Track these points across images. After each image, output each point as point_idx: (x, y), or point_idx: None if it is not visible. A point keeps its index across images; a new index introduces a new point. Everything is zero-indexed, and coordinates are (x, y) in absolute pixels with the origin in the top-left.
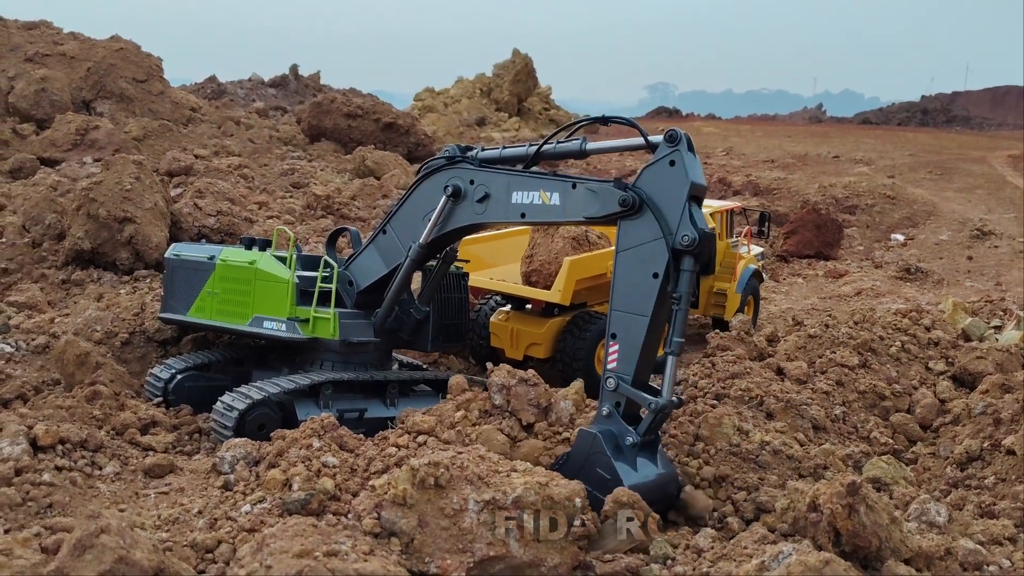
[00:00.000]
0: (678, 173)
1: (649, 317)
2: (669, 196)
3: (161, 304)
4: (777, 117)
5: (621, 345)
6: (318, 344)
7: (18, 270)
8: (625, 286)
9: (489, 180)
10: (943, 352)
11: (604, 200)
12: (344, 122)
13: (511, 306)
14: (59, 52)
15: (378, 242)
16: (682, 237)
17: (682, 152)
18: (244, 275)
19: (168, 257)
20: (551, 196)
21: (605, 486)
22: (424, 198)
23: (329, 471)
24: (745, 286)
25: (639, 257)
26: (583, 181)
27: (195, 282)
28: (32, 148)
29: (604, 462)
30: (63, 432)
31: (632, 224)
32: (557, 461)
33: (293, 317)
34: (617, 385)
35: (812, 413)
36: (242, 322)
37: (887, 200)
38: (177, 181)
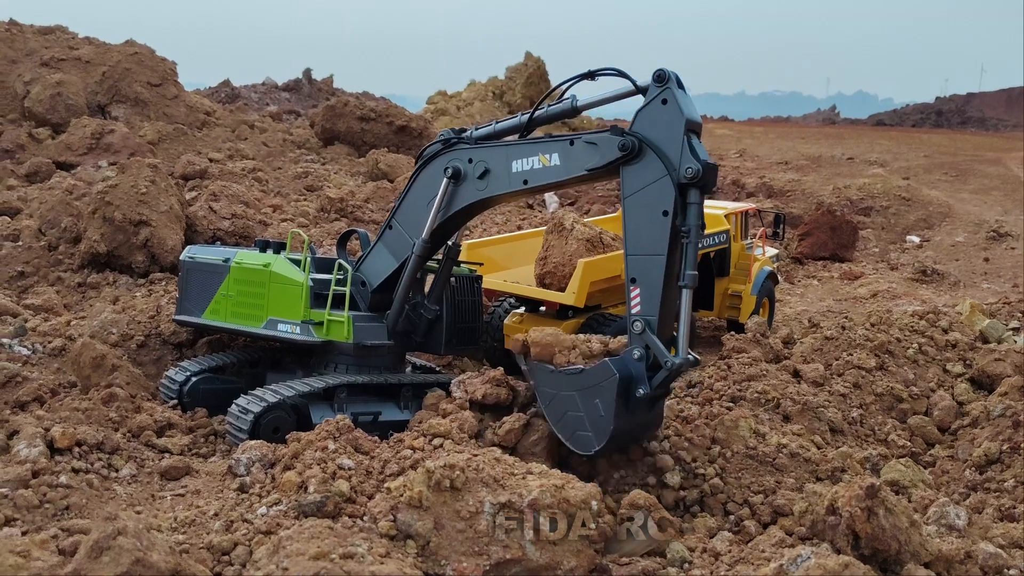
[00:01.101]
0: (672, 110)
1: (665, 255)
2: (667, 134)
3: (176, 306)
4: (790, 119)
5: (642, 288)
6: (332, 347)
7: (34, 273)
8: (637, 229)
9: (487, 155)
10: (961, 354)
11: (604, 149)
12: (357, 125)
13: (525, 308)
14: (74, 57)
15: (385, 238)
16: (686, 170)
17: (673, 90)
18: (259, 277)
19: (183, 260)
20: (550, 158)
21: (596, 417)
22: (425, 186)
23: (344, 473)
24: (760, 288)
25: (647, 198)
26: (579, 136)
27: (210, 284)
28: (48, 152)
29: (607, 399)
30: (80, 434)
31: (634, 168)
32: (569, 369)
33: (307, 320)
34: (644, 328)
35: (829, 416)
36: (257, 324)
37: (902, 202)
38: (192, 184)
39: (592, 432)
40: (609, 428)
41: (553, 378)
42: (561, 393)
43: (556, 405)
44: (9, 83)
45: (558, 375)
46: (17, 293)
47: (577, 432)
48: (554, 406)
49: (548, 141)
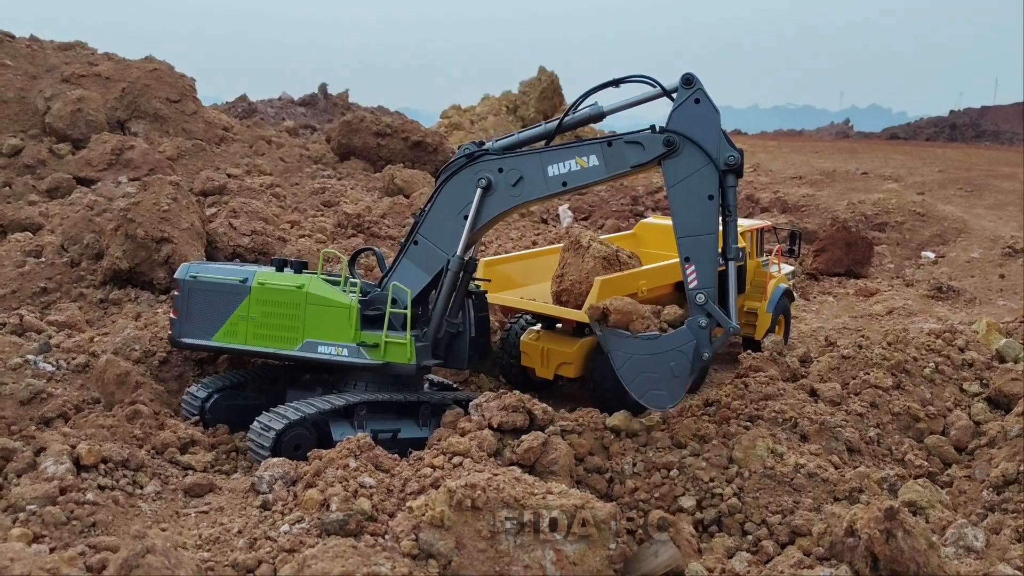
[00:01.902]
0: (706, 108)
1: (715, 233)
2: (704, 129)
3: (174, 327)
4: (804, 132)
5: (696, 264)
6: (378, 367)
7: (57, 289)
8: (685, 214)
9: (518, 163)
10: (977, 373)
11: (649, 146)
12: (373, 140)
13: (542, 325)
14: (94, 73)
15: (411, 254)
16: (728, 158)
17: (703, 90)
18: (292, 299)
19: (183, 279)
20: (588, 159)
21: (671, 378)
22: (452, 199)
23: (366, 492)
24: (776, 305)
25: (690, 186)
26: (617, 137)
27: (223, 305)
28: (68, 167)
29: (682, 363)
30: (105, 451)
31: (676, 161)
32: (647, 335)
33: (360, 342)
34: (707, 299)
35: (846, 435)
36: (290, 347)
37: (917, 217)
38: (211, 200)
39: (666, 391)
40: (684, 387)
41: (629, 342)
42: (636, 356)
43: (630, 367)
44: (30, 99)
45: (635, 340)
46: (40, 309)
47: (651, 391)
48: (628, 368)
49: (583, 145)
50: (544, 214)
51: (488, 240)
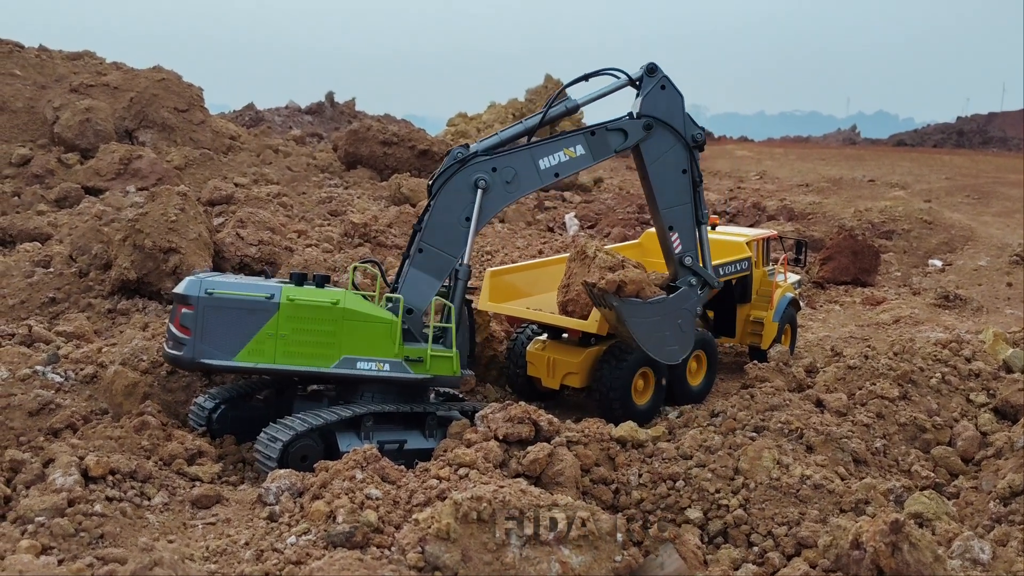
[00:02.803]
0: (672, 92)
1: (691, 203)
2: (672, 111)
3: (185, 347)
4: (810, 139)
5: (679, 232)
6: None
7: (65, 299)
8: (664, 188)
9: (510, 161)
10: (984, 384)
11: (631, 131)
12: (380, 149)
13: (548, 335)
14: (103, 83)
15: (418, 262)
16: (695, 135)
17: (667, 77)
18: (327, 315)
19: (196, 296)
20: (575, 149)
21: (680, 333)
22: (450, 203)
23: (372, 503)
24: (782, 315)
25: (666, 163)
26: (600, 126)
27: (247, 323)
28: (77, 177)
29: (688, 319)
30: (113, 463)
31: (650, 142)
32: (654, 299)
33: (404, 357)
34: (692, 261)
35: (853, 446)
36: (325, 364)
37: (924, 225)
38: (219, 210)
39: (678, 345)
40: (692, 339)
41: (643, 308)
42: (650, 319)
43: (647, 330)
44: (39, 109)
45: (647, 305)
46: (49, 319)
47: (666, 348)
48: (645, 331)
49: (568, 136)
50: (551, 222)
51: (494, 249)
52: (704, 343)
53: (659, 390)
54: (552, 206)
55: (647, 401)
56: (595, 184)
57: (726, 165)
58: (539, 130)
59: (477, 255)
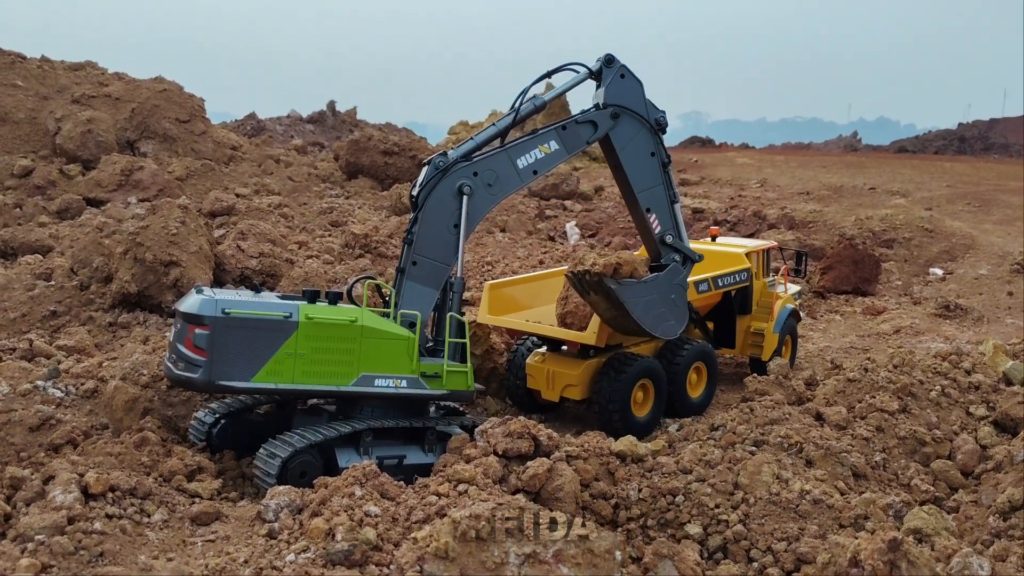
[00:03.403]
0: (631, 81)
1: (663, 184)
2: (633, 98)
3: (203, 370)
4: (812, 145)
5: (656, 212)
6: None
7: (66, 312)
8: (637, 172)
9: (490, 164)
10: (984, 396)
11: (600, 122)
12: (381, 159)
13: (547, 347)
14: (104, 93)
15: (413, 274)
16: (658, 118)
17: (625, 66)
18: (346, 333)
19: (211, 316)
20: (549, 145)
21: (675, 308)
22: (438, 212)
23: (371, 520)
24: (783, 326)
25: (635, 148)
26: (570, 120)
27: (265, 343)
28: (78, 188)
29: (680, 293)
30: (113, 480)
31: (619, 130)
32: (648, 278)
33: (421, 373)
34: (673, 239)
35: (852, 460)
36: (344, 382)
37: (925, 233)
38: (220, 221)
39: (674, 320)
40: (686, 311)
41: (639, 288)
42: (645, 299)
43: (644, 309)
44: (41, 120)
45: (641, 285)
46: (50, 333)
47: (663, 323)
48: (643, 310)
49: (541, 133)
50: (552, 231)
51: (495, 259)
52: (704, 355)
53: (659, 400)
54: (553, 215)
55: (647, 413)
56: (596, 192)
57: (727, 173)
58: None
59: (478, 265)
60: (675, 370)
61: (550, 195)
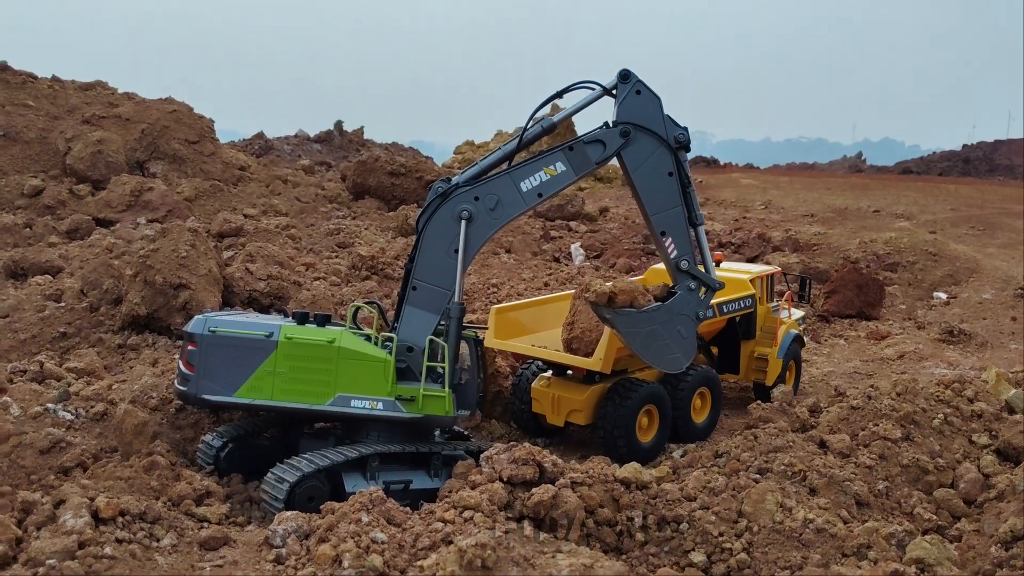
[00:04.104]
0: (648, 96)
1: (682, 205)
2: (650, 115)
3: (189, 383)
4: (816, 166)
5: (673, 235)
6: (416, 421)
7: (76, 334)
8: (651, 193)
9: (492, 188)
10: (986, 425)
11: (609, 141)
12: (388, 180)
13: (552, 372)
14: (114, 114)
15: (413, 299)
16: (678, 136)
17: (641, 81)
18: (323, 354)
19: (200, 333)
20: (555, 167)
21: (680, 340)
22: (438, 238)
23: (378, 547)
24: (786, 352)
25: (650, 168)
26: (577, 140)
27: (246, 360)
28: (88, 209)
29: (688, 325)
30: (123, 504)
31: (632, 149)
32: (650, 308)
33: (397, 396)
34: (689, 265)
35: (855, 489)
36: (320, 401)
37: (929, 257)
38: (228, 242)
39: (680, 353)
40: (694, 347)
41: (637, 318)
42: (645, 329)
43: (644, 340)
44: (51, 140)
45: (641, 315)
46: (59, 354)
47: (667, 356)
48: (642, 341)
49: (547, 155)
50: (557, 252)
51: (500, 281)
52: (708, 380)
53: (664, 426)
54: (558, 235)
55: (651, 439)
56: (601, 213)
57: (731, 194)
58: (520, 153)
59: (483, 287)
60: (679, 396)
61: (555, 216)
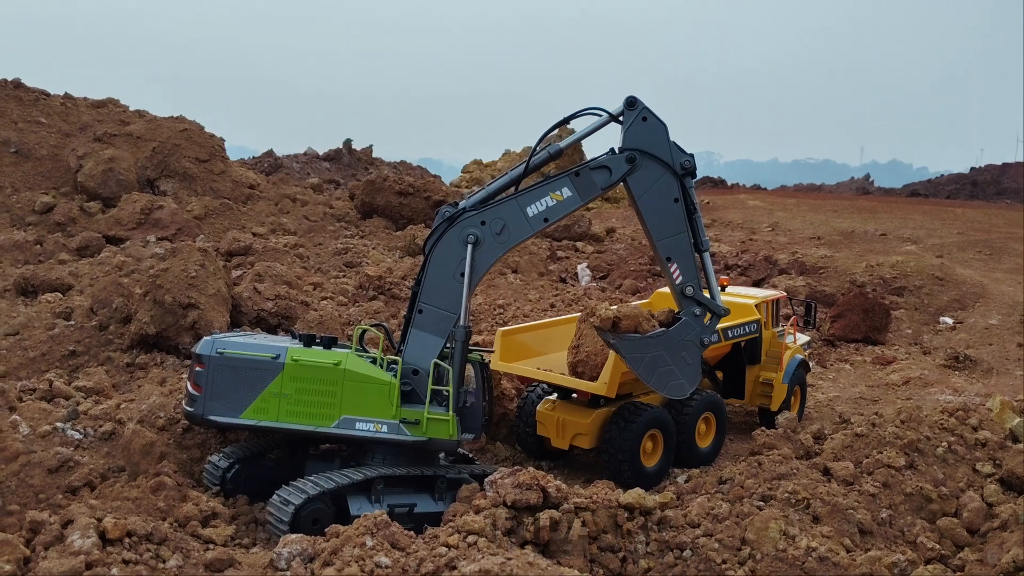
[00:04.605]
0: (654, 123)
1: (686, 232)
2: (656, 141)
3: (196, 404)
4: (824, 187)
5: (678, 261)
6: (420, 444)
7: (85, 352)
8: (657, 219)
9: (498, 212)
10: (990, 453)
11: (615, 167)
12: (396, 200)
13: (558, 395)
14: (126, 132)
15: (419, 322)
16: (684, 162)
17: (648, 108)
18: (329, 376)
19: (208, 355)
20: (562, 192)
21: (685, 366)
22: (445, 261)
23: (382, 572)
24: (792, 377)
25: (657, 194)
26: (583, 166)
27: (253, 382)
28: (98, 226)
29: (693, 351)
30: (130, 525)
31: (638, 175)
32: (654, 333)
33: (401, 419)
34: (694, 291)
35: (859, 517)
36: (326, 424)
37: (935, 281)
38: (237, 261)
39: (684, 379)
40: (699, 373)
41: (642, 343)
42: (650, 355)
43: (648, 365)
44: (63, 157)
45: (645, 340)
46: (68, 372)
47: (671, 382)
48: (646, 366)
49: (554, 180)
50: (563, 273)
51: (507, 302)
52: (713, 405)
53: (668, 450)
54: (564, 256)
55: (656, 463)
56: (607, 234)
57: (738, 216)
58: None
59: (489, 308)
60: (684, 420)
61: (562, 236)
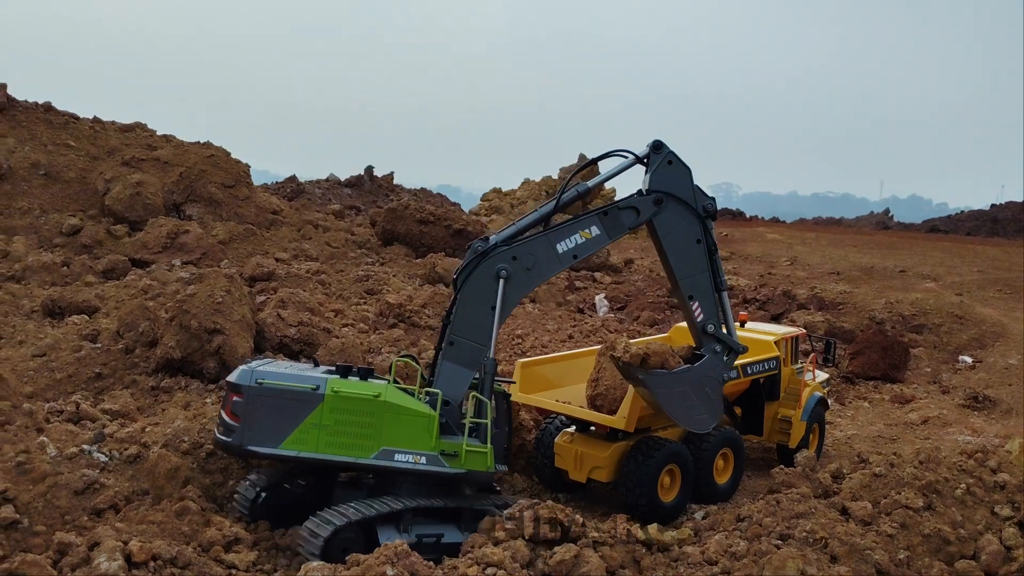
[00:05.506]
0: (679, 167)
1: (709, 271)
2: (680, 184)
3: (233, 434)
4: (843, 221)
5: (700, 300)
6: (458, 476)
7: (111, 375)
8: (681, 258)
9: (530, 248)
10: (1009, 496)
11: (643, 208)
12: (416, 228)
13: (576, 427)
14: (153, 157)
15: (450, 354)
16: (706, 205)
17: (673, 152)
18: (369, 408)
19: (247, 385)
20: (591, 230)
21: (708, 401)
22: (477, 295)
23: None
24: (810, 415)
25: (681, 235)
26: (612, 206)
27: (292, 412)
28: (124, 249)
29: (715, 386)
30: (155, 548)
31: (663, 217)
32: (679, 369)
33: (440, 451)
34: (715, 328)
35: (876, 558)
36: (365, 455)
37: (955, 319)
38: (260, 287)
39: (707, 414)
40: (720, 407)
41: (668, 379)
42: (676, 390)
43: (674, 400)
44: (91, 180)
45: (672, 376)
46: (94, 395)
47: (695, 417)
48: (672, 402)
49: (583, 219)
50: (581, 303)
51: (525, 332)
52: (731, 441)
53: (686, 486)
54: (583, 286)
55: (674, 498)
56: (625, 265)
57: (757, 249)
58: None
59: (507, 338)
60: (702, 456)
61: (580, 267)
